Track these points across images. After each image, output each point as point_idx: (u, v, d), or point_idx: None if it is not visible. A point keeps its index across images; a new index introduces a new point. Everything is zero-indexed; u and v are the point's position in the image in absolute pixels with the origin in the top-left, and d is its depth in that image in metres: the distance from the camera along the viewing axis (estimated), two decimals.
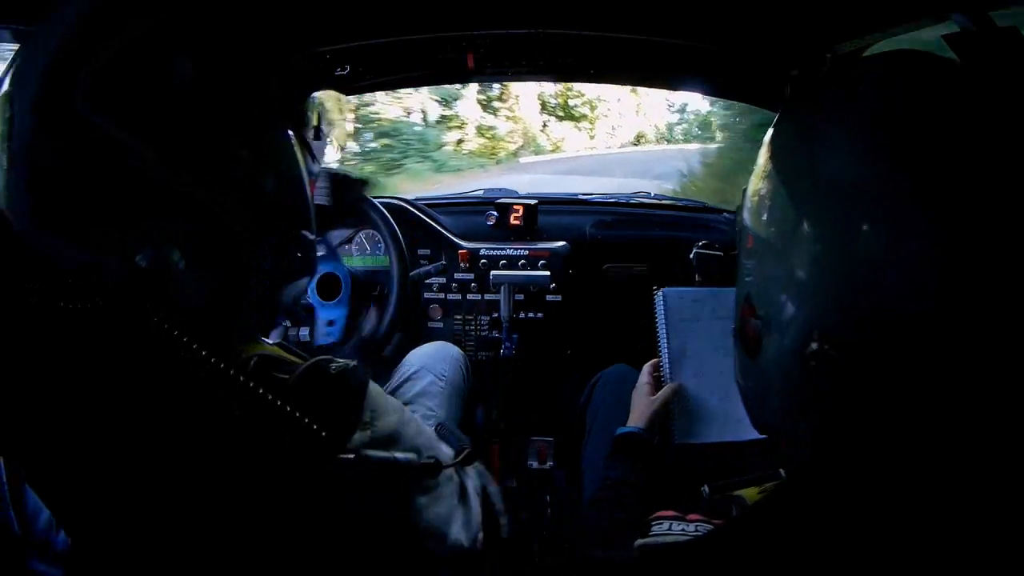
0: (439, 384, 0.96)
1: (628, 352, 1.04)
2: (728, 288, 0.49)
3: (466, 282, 1.34)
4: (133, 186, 0.41)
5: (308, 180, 0.52)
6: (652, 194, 1.60)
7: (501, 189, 1.57)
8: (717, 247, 1.09)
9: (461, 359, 1.09)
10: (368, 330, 1.15)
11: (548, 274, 1.26)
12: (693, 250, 1.06)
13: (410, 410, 0.88)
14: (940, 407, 0.33)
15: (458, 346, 1.17)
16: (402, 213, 1.29)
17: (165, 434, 0.43)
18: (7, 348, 0.41)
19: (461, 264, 1.32)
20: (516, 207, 1.35)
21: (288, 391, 0.43)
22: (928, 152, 0.33)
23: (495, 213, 1.35)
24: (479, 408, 1.28)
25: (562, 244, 1.33)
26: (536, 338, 1.33)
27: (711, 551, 0.36)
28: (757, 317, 0.40)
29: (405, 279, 1.15)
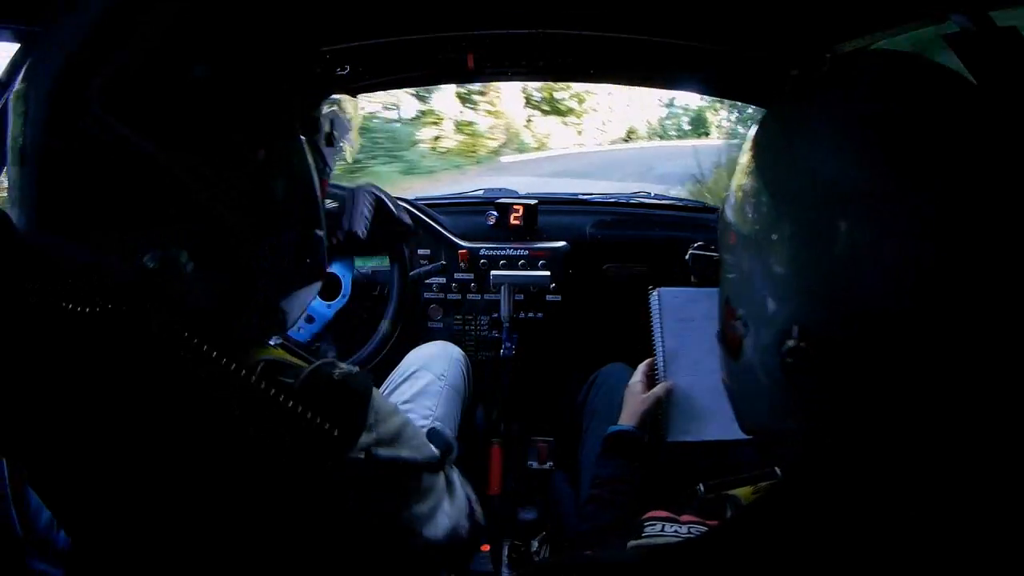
0: (438, 384, 0.96)
1: (628, 352, 1.04)
2: None
3: (466, 282, 1.34)
4: (143, 187, 0.42)
5: (319, 185, 0.52)
6: (652, 194, 1.60)
7: (501, 189, 1.57)
8: (713, 248, 1.09)
9: (461, 359, 1.09)
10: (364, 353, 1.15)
11: (548, 274, 1.26)
12: (688, 251, 1.06)
13: (408, 409, 0.88)
14: (919, 403, 0.33)
15: (458, 346, 1.17)
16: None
17: (170, 436, 0.43)
18: (7, 348, 0.41)
19: (461, 264, 1.32)
20: (516, 207, 1.35)
21: (295, 395, 0.43)
22: (911, 151, 0.33)
23: (495, 213, 1.36)
24: (479, 408, 1.29)
25: (562, 244, 1.33)
26: (536, 338, 1.33)
27: (702, 554, 0.36)
28: (737, 318, 0.41)
29: (405, 280, 1.15)
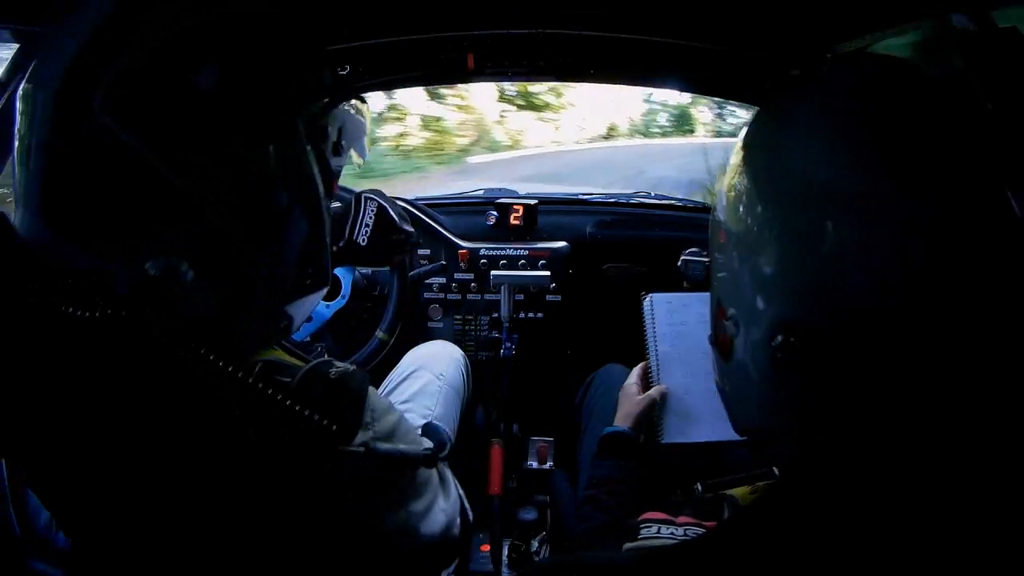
0: (437, 383, 0.96)
1: (628, 352, 1.04)
2: None
3: (466, 282, 1.34)
4: (145, 193, 0.41)
5: (324, 193, 0.52)
6: (652, 194, 1.60)
7: (501, 189, 1.57)
8: (705, 254, 1.09)
9: (461, 359, 1.09)
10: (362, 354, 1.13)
11: (548, 274, 1.26)
12: (680, 257, 1.07)
13: (407, 409, 0.88)
14: (906, 398, 0.34)
15: (458, 346, 1.17)
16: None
17: (170, 436, 0.43)
18: (7, 349, 0.41)
19: (461, 264, 1.32)
20: (516, 207, 1.35)
21: (291, 393, 0.43)
22: (897, 151, 0.34)
23: (495, 213, 1.36)
24: (479, 408, 1.29)
25: (562, 244, 1.33)
26: (536, 338, 1.33)
27: (697, 558, 0.36)
28: (728, 318, 0.41)
29: (405, 281, 1.15)
